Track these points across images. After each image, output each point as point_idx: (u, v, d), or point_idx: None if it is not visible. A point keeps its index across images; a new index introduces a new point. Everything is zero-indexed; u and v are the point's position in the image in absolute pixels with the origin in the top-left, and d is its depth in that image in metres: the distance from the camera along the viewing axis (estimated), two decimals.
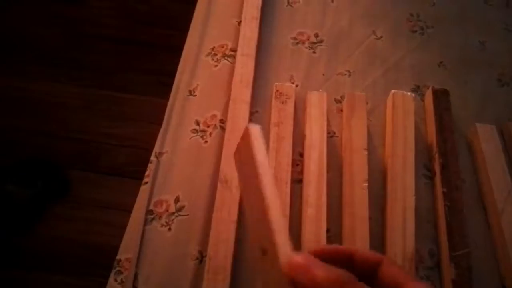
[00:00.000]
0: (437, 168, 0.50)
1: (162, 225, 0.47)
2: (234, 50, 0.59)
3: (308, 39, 0.62)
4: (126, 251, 0.46)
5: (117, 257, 0.46)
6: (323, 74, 0.59)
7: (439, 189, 0.49)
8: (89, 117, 1.38)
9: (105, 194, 1.22)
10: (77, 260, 1.11)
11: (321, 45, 0.62)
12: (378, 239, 0.47)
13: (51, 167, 1.24)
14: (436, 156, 0.51)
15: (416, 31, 0.65)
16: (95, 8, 1.64)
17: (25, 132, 1.31)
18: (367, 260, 0.28)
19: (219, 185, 0.46)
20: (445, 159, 0.50)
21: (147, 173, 0.51)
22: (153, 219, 0.48)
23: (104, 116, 1.39)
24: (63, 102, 1.40)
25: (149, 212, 0.48)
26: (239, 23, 0.61)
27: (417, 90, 0.59)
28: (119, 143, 1.32)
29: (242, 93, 0.53)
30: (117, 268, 0.45)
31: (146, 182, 0.50)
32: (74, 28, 1.59)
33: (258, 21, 0.59)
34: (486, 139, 0.53)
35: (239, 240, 0.45)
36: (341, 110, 0.56)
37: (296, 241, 0.45)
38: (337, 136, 0.54)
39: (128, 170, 1.29)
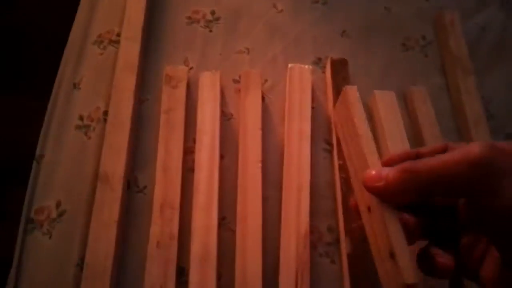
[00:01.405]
0: (334, 140, 0.48)
1: (43, 233, 0.43)
2: (120, 35, 0.54)
3: (204, 17, 0.58)
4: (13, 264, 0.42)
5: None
6: (220, 54, 0.56)
7: (336, 162, 0.47)
8: (23, 129, 1.29)
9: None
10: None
11: (218, 23, 0.58)
12: (275, 219, 0.44)
13: None
14: (334, 129, 0.49)
15: (318, 2, 0.62)
16: (27, 12, 1.53)
17: None
18: (435, 151, 0.31)
19: (98, 183, 0.43)
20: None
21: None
22: (34, 228, 0.44)
23: (39, 127, 1.31)
24: None
25: (29, 221, 0.44)
26: (126, 4, 0.56)
27: (319, 62, 0.57)
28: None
29: (125, 80, 0.49)
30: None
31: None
32: (3, 35, 1.49)
33: (144, 1, 0.55)
34: (385, 105, 0.51)
35: (123, 244, 0.42)
36: (239, 91, 0.53)
37: (187, 232, 0.42)
38: (235, 118, 0.51)
39: None
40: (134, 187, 0.46)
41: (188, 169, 0.47)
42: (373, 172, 0.31)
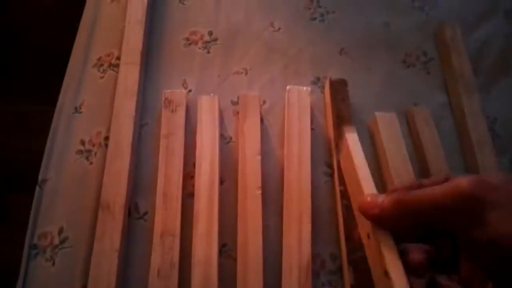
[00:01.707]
0: (335, 165, 0.48)
1: (46, 260, 0.44)
2: (120, 58, 0.55)
3: (202, 38, 0.59)
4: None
5: None
6: (218, 76, 0.56)
7: (337, 187, 0.47)
8: (21, 135, 1.31)
9: None
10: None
11: (216, 44, 0.58)
12: (276, 247, 0.45)
13: None
14: (334, 152, 0.49)
15: (315, 19, 0.62)
16: (19, 16, 1.54)
17: None
18: (437, 183, 0.31)
19: (100, 211, 0.43)
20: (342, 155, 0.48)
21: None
22: (37, 253, 0.44)
23: (38, 132, 1.32)
24: None
25: (33, 246, 0.45)
26: (125, 27, 0.56)
27: (318, 82, 0.57)
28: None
29: (125, 106, 0.49)
30: None
31: None
32: (2, 39, 1.49)
33: (143, 24, 0.55)
34: (386, 128, 0.51)
35: (125, 272, 0.42)
36: (238, 113, 0.53)
37: (188, 260, 0.42)
38: (234, 141, 0.51)
39: None
40: (135, 213, 0.46)
41: (188, 195, 0.47)
42: (369, 199, 0.34)
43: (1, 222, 1.16)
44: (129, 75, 0.51)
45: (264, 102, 0.54)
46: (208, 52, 0.58)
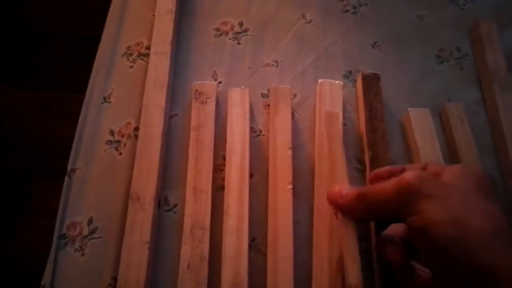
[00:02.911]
0: (366, 161, 0.47)
1: (75, 250, 0.44)
2: (149, 48, 0.54)
3: (232, 29, 0.58)
4: (45, 277, 0.43)
5: (42, 283, 0.43)
6: (249, 67, 0.55)
7: (368, 183, 0.46)
8: (44, 122, 1.32)
9: None
10: (38, 273, 1.07)
11: (246, 35, 0.57)
12: (306, 243, 0.44)
13: (7, 180, 1.19)
14: (366, 147, 0.48)
15: (348, 11, 0.61)
16: (41, 5, 1.55)
17: None
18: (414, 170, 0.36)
19: (130, 203, 0.43)
20: (374, 150, 0.47)
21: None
22: (66, 243, 0.44)
23: (60, 119, 1.33)
24: (15, 108, 1.33)
25: (62, 236, 0.45)
26: (155, 17, 0.56)
27: (349, 76, 0.55)
28: None
29: (155, 97, 0.49)
30: None
31: None
32: (22, 28, 1.51)
33: (173, 14, 0.54)
34: (419, 124, 0.50)
35: (155, 264, 0.42)
36: (268, 106, 0.52)
37: (217, 253, 0.42)
38: (264, 135, 0.50)
39: None
40: (164, 205, 0.46)
41: (217, 188, 0.46)
42: (336, 190, 0.38)
43: (22, 209, 1.18)
44: (159, 65, 0.50)
45: (295, 95, 0.53)
46: (239, 43, 0.57)
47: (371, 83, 0.52)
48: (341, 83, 0.51)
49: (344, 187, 0.38)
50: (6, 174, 1.22)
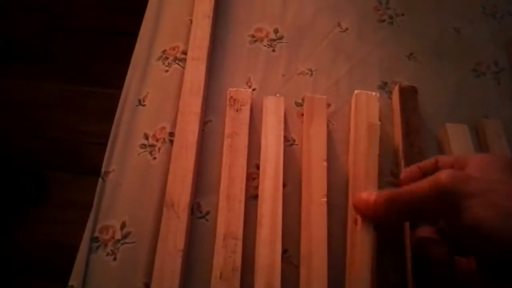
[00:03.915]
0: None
1: (107, 254, 0.44)
2: (185, 52, 0.54)
3: (267, 36, 0.57)
4: (75, 279, 0.43)
5: (70, 283, 0.43)
6: (283, 75, 0.55)
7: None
8: (65, 114, 1.33)
9: (84, 194, 1.18)
10: (57, 264, 1.09)
11: (281, 42, 0.57)
12: (340, 257, 0.43)
13: (26, 170, 1.20)
14: (402, 162, 0.47)
15: (384, 21, 0.60)
16: None
17: None
18: (427, 166, 0.40)
19: (164, 209, 0.43)
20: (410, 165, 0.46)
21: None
22: (98, 247, 0.44)
23: (82, 112, 1.34)
24: (37, 100, 1.35)
25: (94, 239, 0.45)
26: (192, 21, 0.56)
27: (384, 87, 0.55)
28: (98, 140, 1.28)
29: (191, 104, 0.48)
30: None
31: None
32: (48, 20, 1.53)
33: (211, 19, 0.54)
34: (457, 140, 0.49)
35: (188, 272, 0.42)
36: (302, 115, 0.52)
37: (249, 266, 0.42)
38: (297, 144, 0.50)
39: None
40: (197, 212, 0.46)
41: (250, 196, 0.46)
42: (364, 196, 0.39)
43: (42, 201, 1.19)
44: (196, 71, 0.50)
45: (329, 105, 0.53)
46: (274, 51, 0.56)
47: (408, 96, 0.51)
48: (378, 94, 0.50)
49: (372, 193, 0.39)
50: (26, 165, 1.23)
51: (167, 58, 0.55)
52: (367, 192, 0.39)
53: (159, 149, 0.49)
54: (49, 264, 1.07)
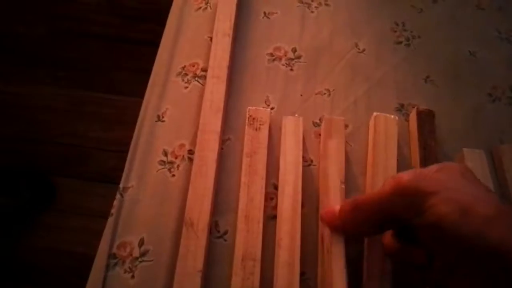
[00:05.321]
0: None
1: (125, 271, 0.44)
2: (205, 69, 0.54)
3: (285, 55, 0.58)
4: None
5: None
6: (301, 95, 0.55)
7: None
8: (75, 120, 1.34)
9: (92, 201, 1.19)
10: (64, 272, 1.09)
11: (299, 61, 0.58)
12: (359, 279, 0.44)
13: (36, 175, 1.21)
14: None
15: (401, 42, 0.60)
16: (83, 4, 1.58)
17: (7, 138, 1.28)
18: None
19: (183, 229, 0.43)
20: None
21: (112, 210, 0.48)
22: (116, 264, 0.45)
23: (91, 118, 1.35)
24: (48, 105, 1.36)
25: (111, 256, 0.45)
26: (211, 39, 0.56)
27: (401, 109, 0.55)
28: (107, 147, 1.28)
29: (211, 122, 0.49)
30: None
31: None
32: (60, 25, 1.54)
33: (230, 38, 0.55)
34: (474, 166, 0.49)
35: None
36: (319, 135, 0.52)
37: (267, 286, 0.42)
38: (315, 165, 0.50)
39: (117, 176, 1.26)
40: (215, 232, 0.46)
41: (267, 217, 0.46)
42: (329, 208, 0.41)
43: (49, 206, 1.19)
44: (216, 90, 0.51)
45: (347, 126, 0.53)
46: (292, 70, 0.57)
47: (426, 119, 0.51)
48: (396, 118, 0.51)
49: (334, 205, 0.40)
50: (35, 170, 1.23)
51: (186, 74, 0.55)
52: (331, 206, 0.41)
53: (178, 166, 0.49)
54: (57, 271, 1.07)
